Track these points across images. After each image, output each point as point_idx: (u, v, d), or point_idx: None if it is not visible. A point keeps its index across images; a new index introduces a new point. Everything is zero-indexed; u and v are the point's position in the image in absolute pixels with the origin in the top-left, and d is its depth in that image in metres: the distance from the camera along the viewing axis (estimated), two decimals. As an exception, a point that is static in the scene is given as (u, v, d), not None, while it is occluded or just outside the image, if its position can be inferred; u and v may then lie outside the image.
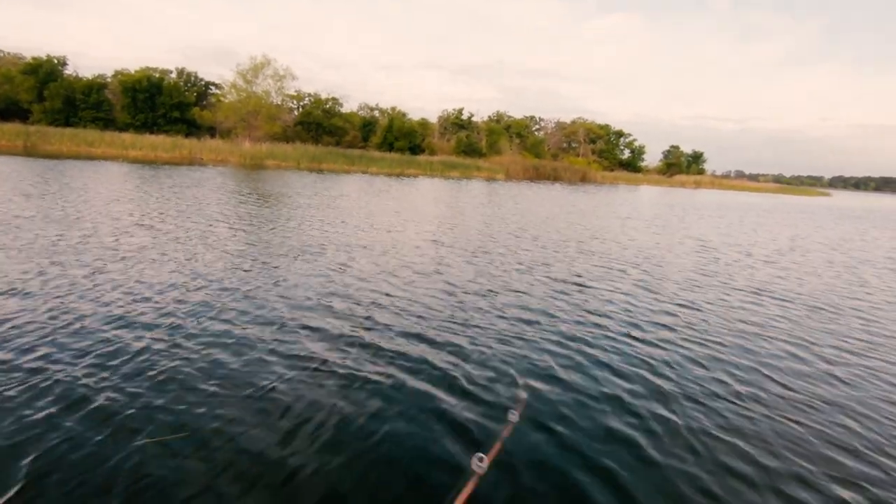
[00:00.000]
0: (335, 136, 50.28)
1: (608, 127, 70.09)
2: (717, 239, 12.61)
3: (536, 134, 69.38)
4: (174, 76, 48.77)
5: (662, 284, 6.83)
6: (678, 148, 77.70)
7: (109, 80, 45.45)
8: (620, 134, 70.98)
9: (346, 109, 53.83)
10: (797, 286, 7.45)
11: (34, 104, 40.81)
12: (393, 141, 49.65)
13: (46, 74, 41.08)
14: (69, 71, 43.53)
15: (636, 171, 69.04)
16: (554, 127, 72.06)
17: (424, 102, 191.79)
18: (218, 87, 47.95)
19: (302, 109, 51.14)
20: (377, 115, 57.92)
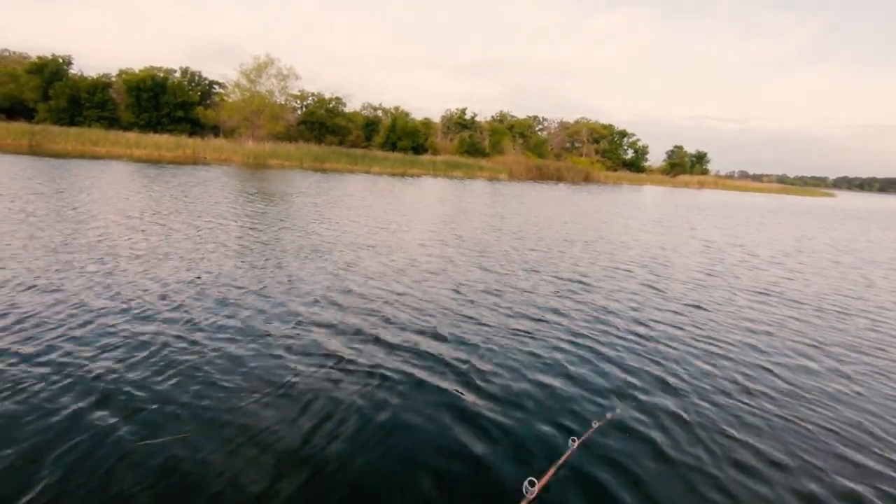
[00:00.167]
0: (338, 135, 50.33)
1: (612, 127, 69.96)
2: (722, 239, 12.60)
3: (539, 134, 69.32)
4: (178, 75, 48.89)
5: (669, 284, 6.85)
6: (682, 148, 77.48)
7: (114, 79, 45.61)
8: (624, 134, 70.83)
9: (349, 109, 53.89)
10: (804, 287, 7.45)
11: (39, 103, 41.02)
12: (396, 140, 49.68)
13: (52, 74, 41.27)
14: (74, 70, 43.76)
15: (639, 171, 68.89)
16: (557, 127, 71.98)
17: (427, 101, 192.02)
18: (222, 86, 48.08)
19: (305, 109, 51.21)
20: (380, 114, 57.92)
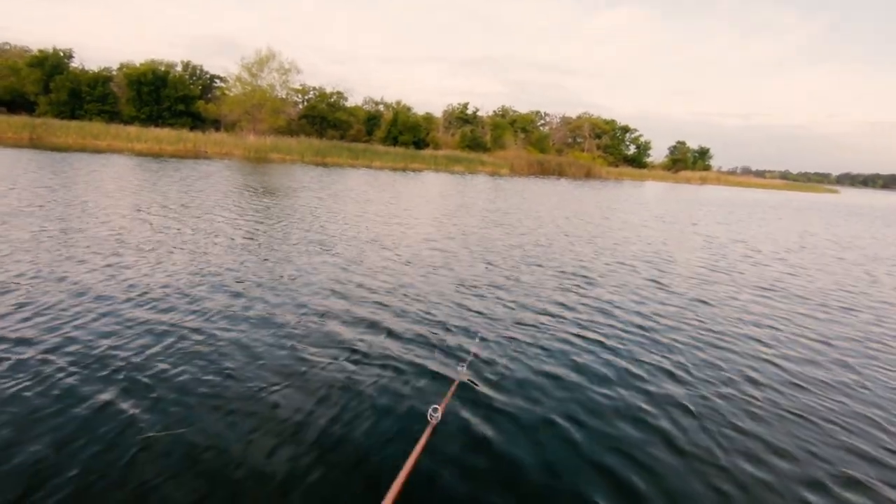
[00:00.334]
0: (339, 129, 50.15)
1: (614, 122, 69.56)
2: (725, 235, 12.50)
3: (541, 129, 68.99)
4: (179, 69, 48.69)
5: (673, 280, 6.76)
6: (684, 144, 77.07)
7: (115, 72, 45.47)
8: (626, 129, 70.44)
9: (350, 103, 53.64)
10: (808, 282, 7.37)
11: (40, 96, 40.93)
12: (397, 135, 49.51)
13: (52, 67, 41.16)
14: (75, 64, 43.62)
15: (641, 166, 68.56)
16: (559, 122, 71.60)
17: (428, 96, 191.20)
18: (223, 80, 47.89)
19: (306, 103, 51.01)
20: (382, 109, 57.66)
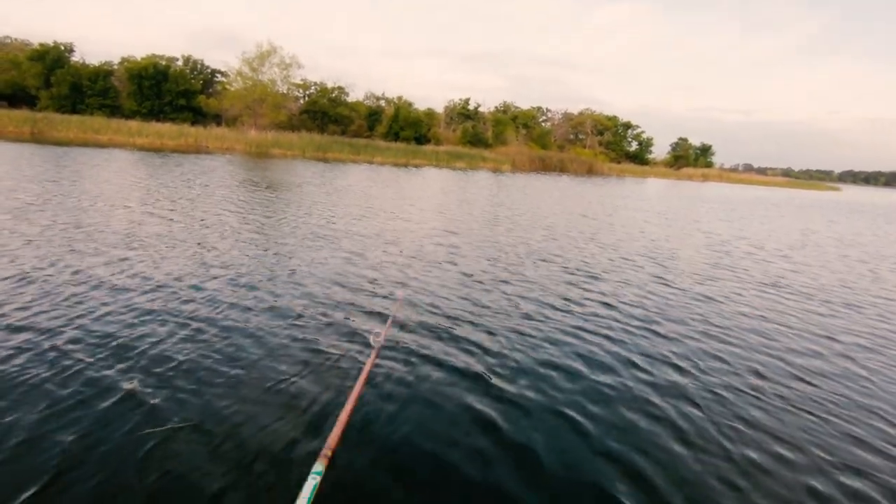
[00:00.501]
0: (341, 125, 50.04)
1: (616, 118, 69.33)
2: (727, 232, 12.51)
3: (543, 125, 68.77)
4: (180, 63, 48.55)
5: (676, 277, 6.79)
6: (686, 140, 76.79)
7: (116, 67, 45.34)
8: (628, 126, 70.23)
9: (351, 98, 53.47)
10: (811, 279, 7.39)
11: (41, 90, 40.87)
12: (399, 130, 49.39)
13: (53, 61, 41.06)
14: (76, 58, 43.49)
15: (643, 163, 68.38)
16: (561, 118, 71.35)
17: (429, 91, 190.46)
18: (224, 74, 47.72)
19: (308, 98, 50.86)
20: (383, 104, 57.48)
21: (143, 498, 2.04)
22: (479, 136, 54.39)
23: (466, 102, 60.28)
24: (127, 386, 2.79)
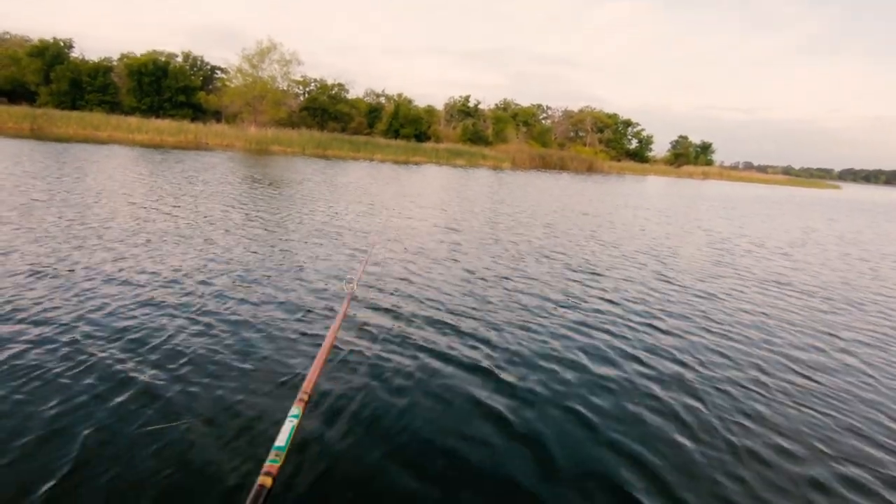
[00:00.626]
0: (341, 122, 49.97)
1: (616, 116, 69.27)
2: (728, 230, 12.56)
3: (543, 122, 68.72)
4: (180, 60, 48.43)
5: (677, 275, 6.83)
6: (686, 138, 76.78)
7: (115, 63, 45.22)
8: (628, 123, 70.19)
9: (351, 95, 53.36)
10: (812, 278, 7.44)
11: (41, 87, 40.79)
12: (399, 128, 49.34)
13: (53, 57, 40.97)
14: (76, 54, 43.38)
15: (644, 161, 68.36)
16: (561, 115, 71.28)
17: (430, 88, 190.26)
18: (224, 71, 47.62)
19: (308, 95, 50.77)
20: (383, 101, 57.35)
21: (158, 491, 2.06)
22: (479, 133, 54.33)
23: (467, 100, 60.21)
24: (141, 379, 2.83)
